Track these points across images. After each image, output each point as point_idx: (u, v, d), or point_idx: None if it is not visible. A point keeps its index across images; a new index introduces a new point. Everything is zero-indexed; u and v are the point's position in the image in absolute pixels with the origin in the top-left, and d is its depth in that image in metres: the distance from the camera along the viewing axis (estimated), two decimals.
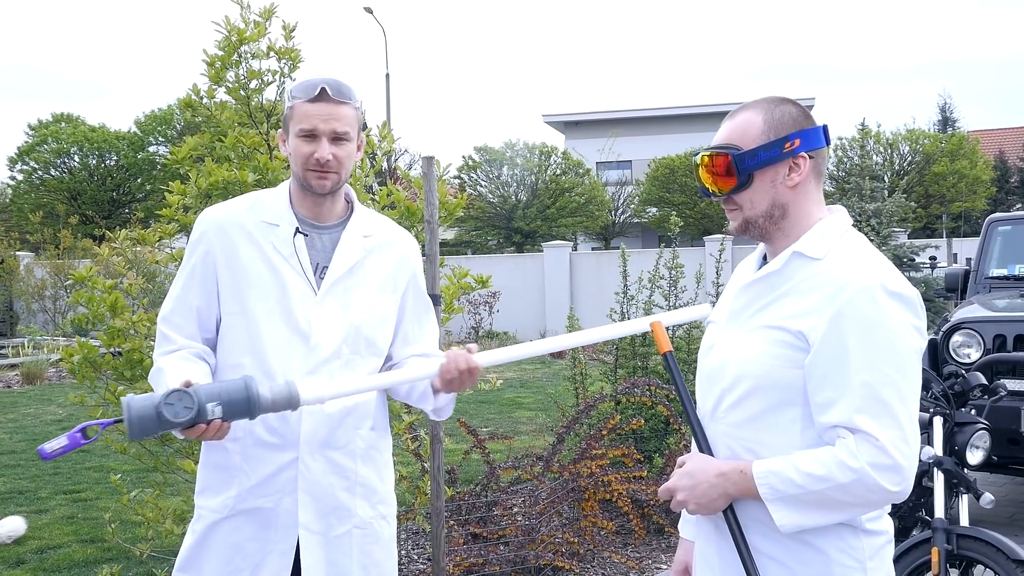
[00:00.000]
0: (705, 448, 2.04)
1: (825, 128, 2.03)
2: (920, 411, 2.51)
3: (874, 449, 1.80)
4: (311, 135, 2.38)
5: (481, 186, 31.72)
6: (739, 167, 1.98)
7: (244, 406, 2.10)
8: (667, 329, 2.53)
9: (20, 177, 32.51)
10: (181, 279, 2.49)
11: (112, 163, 31.89)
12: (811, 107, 33.36)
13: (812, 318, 1.88)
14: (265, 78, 4.37)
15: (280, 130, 2.53)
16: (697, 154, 2.06)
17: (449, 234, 31.99)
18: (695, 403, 2.14)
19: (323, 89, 2.36)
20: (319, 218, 2.50)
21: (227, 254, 2.44)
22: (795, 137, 1.97)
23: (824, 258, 1.94)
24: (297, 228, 2.46)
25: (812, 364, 1.87)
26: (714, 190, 2.04)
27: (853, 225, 2.12)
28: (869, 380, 1.82)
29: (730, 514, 1.97)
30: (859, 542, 1.93)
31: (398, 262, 2.58)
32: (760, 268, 2.08)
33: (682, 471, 2.02)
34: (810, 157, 1.99)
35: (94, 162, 31.72)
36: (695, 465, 2.00)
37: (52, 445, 2.04)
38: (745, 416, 1.97)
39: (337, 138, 2.40)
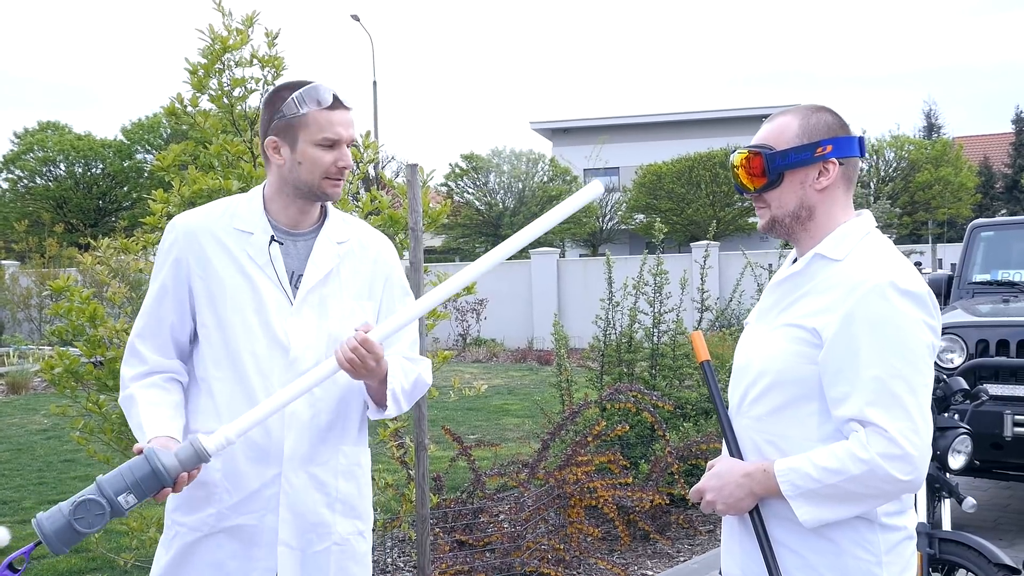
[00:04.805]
0: (735, 451, 2.12)
1: (861, 139, 2.11)
2: None
3: (884, 440, 1.87)
4: (335, 143, 2.36)
5: (468, 193, 31.72)
6: (770, 166, 2.08)
7: (154, 482, 2.09)
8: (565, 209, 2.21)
9: (5, 185, 32.44)
10: (153, 293, 2.42)
11: (98, 171, 31.80)
12: None
13: (826, 316, 1.97)
14: (248, 86, 4.37)
15: (271, 138, 2.37)
16: (735, 151, 2.16)
17: (436, 241, 32.01)
18: (727, 402, 2.22)
19: (335, 95, 2.35)
20: (296, 225, 2.44)
21: (201, 263, 2.38)
22: (828, 143, 2.06)
23: (843, 259, 2.03)
24: (272, 236, 2.40)
25: (825, 360, 1.96)
26: (747, 186, 2.13)
27: None
28: (879, 374, 1.90)
29: (756, 515, 2.05)
30: (875, 536, 1.99)
31: (373, 267, 2.52)
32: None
33: (710, 473, 2.12)
34: (840, 163, 2.08)
35: (80, 170, 31.62)
36: (723, 467, 2.10)
37: None
38: (766, 410, 2.06)
39: (350, 143, 2.40)
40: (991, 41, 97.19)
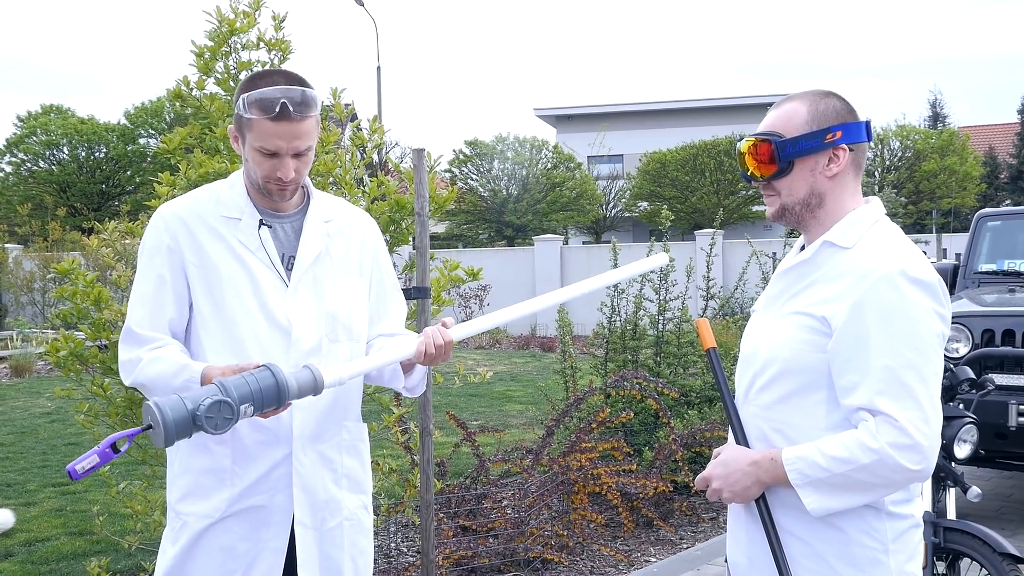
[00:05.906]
0: (741, 439, 2.11)
1: (868, 124, 2.08)
2: None
3: (894, 430, 1.86)
4: (273, 154, 2.30)
5: (472, 180, 31.67)
6: (780, 154, 2.05)
7: (275, 399, 2.07)
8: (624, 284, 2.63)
9: (9, 169, 32.36)
10: (150, 282, 2.37)
11: (101, 155, 31.72)
12: None
13: (836, 304, 1.96)
14: (255, 69, 4.35)
15: (231, 128, 2.40)
16: (742, 139, 2.13)
17: (440, 227, 31.96)
18: (733, 390, 2.21)
19: (284, 105, 2.25)
20: (279, 209, 2.45)
21: (195, 251, 2.37)
22: (837, 129, 2.04)
23: (853, 247, 2.01)
24: (261, 220, 2.41)
25: (835, 349, 1.94)
26: (756, 175, 2.11)
27: None
28: (889, 363, 1.88)
29: (762, 503, 2.04)
30: (882, 525, 1.99)
31: (361, 244, 2.55)
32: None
33: (717, 461, 2.11)
34: (850, 150, 2.06)
35: (83, 154, 31.56)
36: (729, 455, 2.09)
37: (82, 463, 1.91)
38: (773, 398, 2.05)
39: (298, 154, 2.32)
40: (995, 32, 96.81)
